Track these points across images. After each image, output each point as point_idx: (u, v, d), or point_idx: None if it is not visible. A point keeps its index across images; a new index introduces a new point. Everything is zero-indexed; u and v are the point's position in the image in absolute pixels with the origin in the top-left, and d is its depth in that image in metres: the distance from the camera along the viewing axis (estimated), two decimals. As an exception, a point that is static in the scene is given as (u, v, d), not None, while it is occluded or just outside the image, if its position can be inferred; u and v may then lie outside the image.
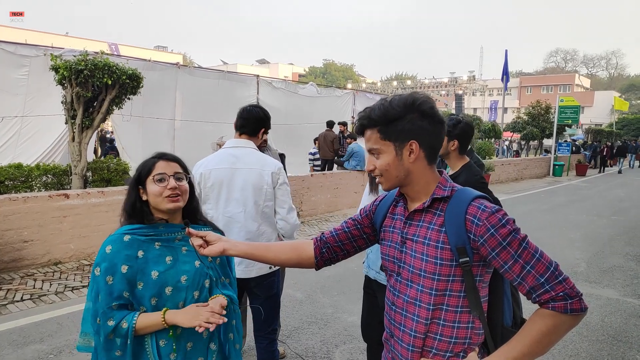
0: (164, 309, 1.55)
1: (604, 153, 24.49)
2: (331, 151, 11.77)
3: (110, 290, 1.55)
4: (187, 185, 1.69)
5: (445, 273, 1.29)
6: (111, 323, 1.52)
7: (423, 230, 1.34)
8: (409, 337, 1.35)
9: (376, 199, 1.59)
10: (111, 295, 1.55)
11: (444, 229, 1.30)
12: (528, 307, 1.45)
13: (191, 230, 1.49)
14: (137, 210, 1.66)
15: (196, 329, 1.49)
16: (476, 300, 1.30)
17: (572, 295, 1.18)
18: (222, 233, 1.79)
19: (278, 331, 2.99)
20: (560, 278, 1.20)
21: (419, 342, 1.33)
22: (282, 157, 3.65)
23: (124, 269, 1.57)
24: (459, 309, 1.31)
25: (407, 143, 1.32)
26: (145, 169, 1.66)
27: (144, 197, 1.66)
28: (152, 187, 1.63)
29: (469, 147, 3.44)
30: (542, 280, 1.20)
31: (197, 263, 1.68)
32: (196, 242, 1.49)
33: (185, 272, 1.64)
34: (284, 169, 3.64)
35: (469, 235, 1.26)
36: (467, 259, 1.27)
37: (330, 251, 1.55)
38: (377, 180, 1.41)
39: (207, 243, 1.49)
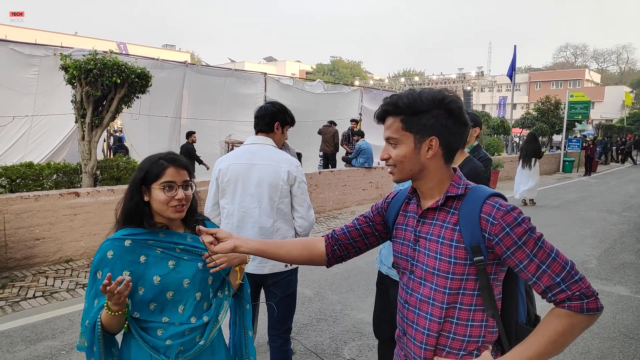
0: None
1: (588, 152, 19.64)
2: (331, 146, 11.87)
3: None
4: (192, 194, 1.66)
5: (459, 272, 1.28)
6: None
7: (437, 229, 1.33)
8: (422, 335, 1.35)
9: (388, 195, 1.58)
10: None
11: (458, 228, 1.29)
12: (541, 304, 1.44)
13: (201, 227, 1.48)
14: (139, 211, 1.61)
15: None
16: (490, 299, 1.29)
17: (588, 294, 1.17)
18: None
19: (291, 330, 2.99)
20: (576, 277, 1.19)
21: (432, 340, 1.33)
22: (298, 156, 3.64)
23: (126, 274, 1.55)
24: (473, 308, 1.30)
25: (427, 138, 1.31)
26: (154, 173, 1.60)
27: (146, 199, 1.61)
28: (159, 194, 1.58)
29: (477, 143, 3.50)
30: (558, 279, 1.19)
31: (199, 265, 1.67)
32: (207, 239, 1.47)
33: (187, 275, 1.63)
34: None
35: (484, 234, 1.25)
36: (482, 257, 1.25)
37: (342, 248, 1.54)
38: (389, 170, 1.39)
39: (217, 240, 1.48)
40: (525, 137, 11.00)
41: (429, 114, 1.30)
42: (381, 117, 1.39)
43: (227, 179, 2.61)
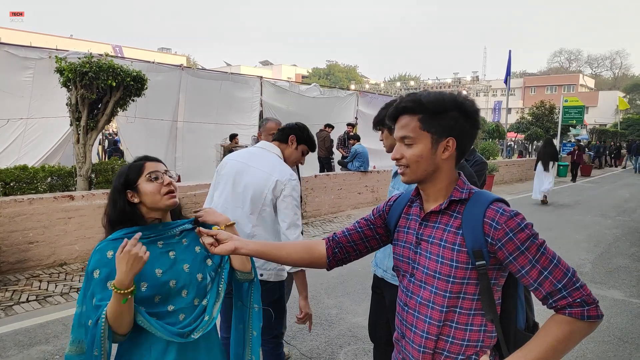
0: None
1: (574, 157, 19.03)
2: (322, 150, 11.94)
3: (110, 295, 1.49)
4: (175, 181, 1.69)
5: (460, 276, 1.28)
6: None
7: (439, 232, 1.33)
8: (421, 339, 1.34)
9: (389, 199, 1.58)
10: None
11: (460, 232, 1.29)
12: (538, 309, 1.44)
13: (202, 229, 1.49)
14: (127, 215, 1.61)
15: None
16: (490, 304, 1.29)
17: (589, 302, 1.18)
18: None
19: (283, 334, 2.95)
20: (577, 284, 1.19)
21: (431, 343, 1.32)
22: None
23: None
24: (472, 312, 1.30)
25: (445, 139, 1.31)
26: (134, 171, 1.63)
27: (135, 200, 1.61)
28: (148, 186, 1.60)
29: (472, 146, 3.49)
30: (560, 286, 1.19)
31: (197, 248, 1.69)
32: (207, 240, 1.49)
33: (187, 260, 1.65)
34: (298, 171, 3.60)
35: (487, 238, 1.25)
36: (484, 262, 1.25)
37: (343, 251, 1.54)
38: (399, 170, 1.38)
39: (218, 241, 1.49)
40: (542, 142, 12.87)
41: (448, 115, 1.30)
42: (396, 115, 1.36)
43: (223, 172, 2.66)
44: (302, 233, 3.57)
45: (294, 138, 2.69)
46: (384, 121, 2.49)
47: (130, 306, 1.46)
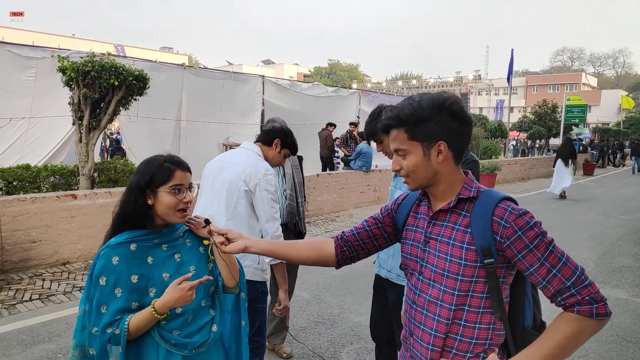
0: (153, 301, 1.50)
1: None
2: (325, 149, 11.94)
3: (118, 302, 1.51)
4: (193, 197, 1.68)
5: (469, 274, 1.28)
6: (109, 330, 1.49)
7: (448, 231, 1.34)
8: (429, 336, 1.35)
9: (398, 197, 1.59)
10: (119, 308, 1.51)
11: (469, 230, 1.30)
12: (546, 309, 1.44)
13: (213, 228, 1.51)
14: (141, 215, 1.58)
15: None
16: (499, 302, 1.29)
17: (598, 299, 1.19)
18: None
19: (264, 343, 2.81)
20: (586, 282, 1.20)
21: (439, 341, 1.33)
22: (299, 159, 3.65)
23: (134, 279, 1.54)
24: (481, 310, 1.30)
25: (435, 144, 1.32)
26: (163, 176, 1.57)
27: (149, 202, 1.58)
28: (167, 198, 1.56)
29: (468, 143, 3.47)
30: (569, 284, 1.20)
31: (201, 249, 1.70)
32: (218, 239, 1.51)
33: (193, 262, 1.66)
34: (301, 171, 3.62)
35: (495, 236, 1.26)
36: (492, 260, 1.26)
37: (351, 249, 1.56)
38: (403, 180, 1.41)
39: (228, 240, 1.51)
40: (562, 141, 14.06)
41: (433, 121, 1.30)
42: (385, 131, 1.40)
43: (206, 173, 2.72)
44: (302, 233, 3.59)
45: (278, 142, 2.75)
46: (376, 133, 2.50)
47: (154, 322, 1.54)
